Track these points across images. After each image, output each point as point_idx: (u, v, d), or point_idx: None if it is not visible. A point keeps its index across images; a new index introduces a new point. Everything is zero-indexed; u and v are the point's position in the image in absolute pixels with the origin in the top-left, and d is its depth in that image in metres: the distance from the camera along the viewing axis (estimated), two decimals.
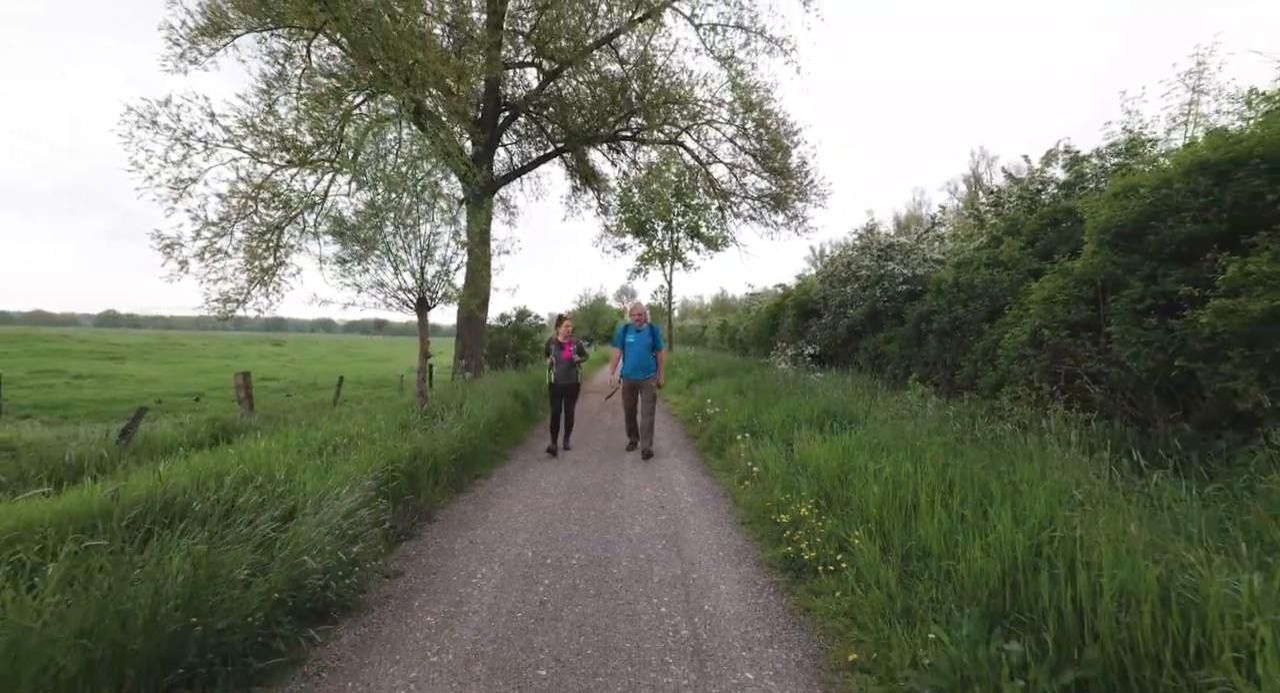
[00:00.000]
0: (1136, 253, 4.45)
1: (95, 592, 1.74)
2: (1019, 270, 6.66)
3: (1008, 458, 3.14)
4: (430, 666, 2.10)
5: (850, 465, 3.64)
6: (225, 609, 1.98)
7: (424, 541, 3.43)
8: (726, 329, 24.43)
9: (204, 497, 2.53)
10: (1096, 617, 1.66)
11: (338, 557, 2.49)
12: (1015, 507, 2.35)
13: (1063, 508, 2.26)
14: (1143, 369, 4.11)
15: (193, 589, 1.93)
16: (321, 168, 9.11)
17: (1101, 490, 2.48)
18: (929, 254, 9.61)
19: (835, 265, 11.61)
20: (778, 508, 3.59)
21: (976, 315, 6.91)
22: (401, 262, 6.46)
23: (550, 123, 12.53)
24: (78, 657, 1.60)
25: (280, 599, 2.17)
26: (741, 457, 4.97)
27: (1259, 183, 3.68)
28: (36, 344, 28.06)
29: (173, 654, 1.82)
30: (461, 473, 4.68)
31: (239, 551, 2.22)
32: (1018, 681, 1.61)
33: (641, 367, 5.99)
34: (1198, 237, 3.98)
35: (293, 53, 9.53)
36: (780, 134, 10.44)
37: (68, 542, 1.92)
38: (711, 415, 7.15)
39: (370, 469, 3.43)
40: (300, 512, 2.69)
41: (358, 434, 4.53)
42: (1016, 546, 2.07)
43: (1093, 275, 4.75)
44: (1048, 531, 2.14)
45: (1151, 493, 2.58)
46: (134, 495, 2.53)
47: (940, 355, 7.65)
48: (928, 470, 3.06)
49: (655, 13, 10.58)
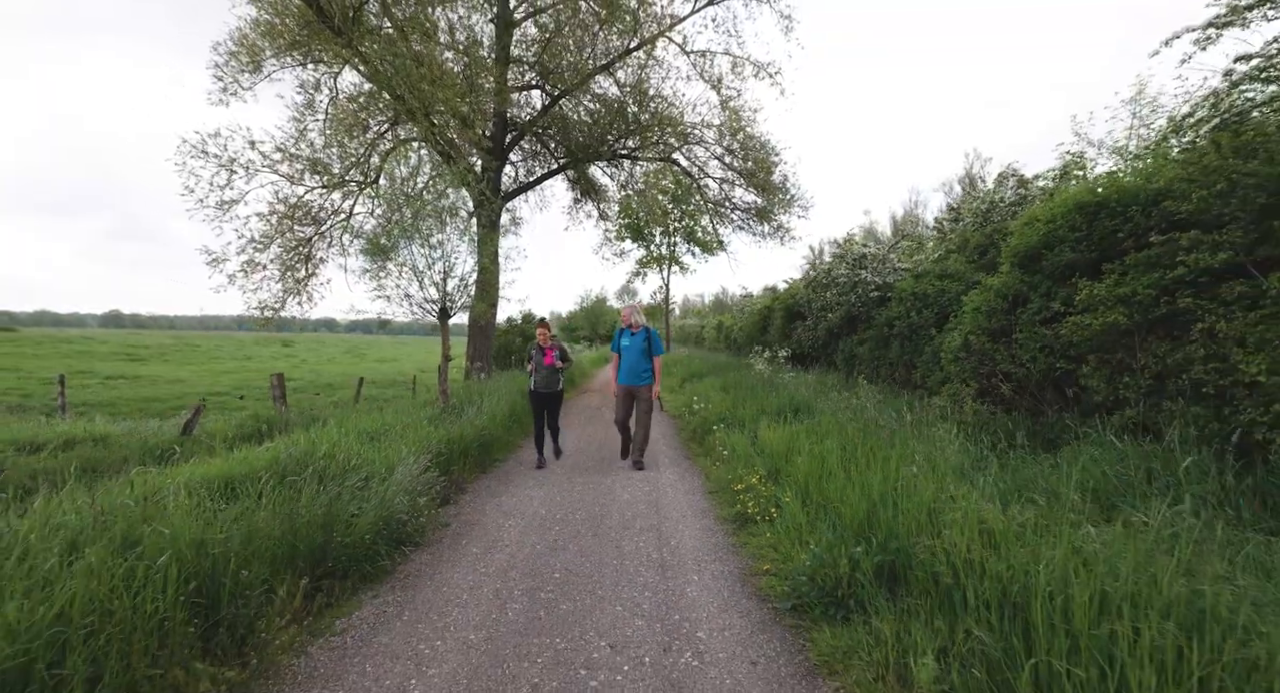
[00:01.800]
0: (1036, 274, 5.43)
1: (284, 512, 2.76)
2: (963, 283, 7.65)
3: (901, 437, 4.14)
4: (480, 573, 3.12)
5: (794, 446, 4.65)
6: (347, 532, 3.00)
7: (460, 505, 4.45)
8: (723, 329, 25.42)
9: (316, 462, 3.55)
10: (900, 526, 2.66)
11: (410, 505, 3.51)
12: (884, 467, 3.35)
13: (906, 466, 3.27)
14: (1038, 369, 5.11)
15: (328, 518, 2.95)
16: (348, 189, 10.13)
17: (945, 457, 3.48)
18: (898, 264, 10.59)
19: (817, 272, 12.59)
20: (737, 479, 4.60)
21: (928, 322, 7.90)
22: (426, 277, 7.48)
23: (553, 141, 13.54)
24: (280, 548, 2.63)
25: (378, 529, 3.19)
26: (716, 443, 5.97)
27: (1114, 223, 4.67)
28: (61, 346, 29.22)
29: (321, 557, 2.84)
30: (484, 456, 5.71)
31: (346, 497, 3.24)
32: (855, 571, 2.61)
33: (636, 372, 5.71)
34: (1074, 263, 4.96)
35: (320, 84, 10.57)
36: (763, 154, 11.43)
37: (259, 483, 2.95)
38: (697, 410, 8.16)
39: (422, 448, 4.45)
40: (376, 476, 3.71)
41: (398, 424, 5.55)
42: (875, 491, 3.07)
43: (1006, 291, 5.73)
44: (896, 481, 3.14)
45: (993, 460, 3.58)
46: (266, 459, 3.56)
47: (901, 356, 8.64)
48: (843, 447, 4.06)
49: (650, 42, 11.57)
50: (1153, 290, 4.05)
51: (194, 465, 3.72)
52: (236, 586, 2.33)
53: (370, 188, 9.78)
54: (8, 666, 1.55)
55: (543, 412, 5.89)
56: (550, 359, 5.86)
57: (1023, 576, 1.92)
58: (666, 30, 11.61)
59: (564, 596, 2.84)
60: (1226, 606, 1.61)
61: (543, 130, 13.10)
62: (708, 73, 11.95)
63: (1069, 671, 1.54)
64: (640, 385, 5.74)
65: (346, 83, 10.70)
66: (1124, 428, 4.12)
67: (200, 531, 2.36)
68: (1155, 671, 1.44)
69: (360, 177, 9.98)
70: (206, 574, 2.26)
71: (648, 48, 11.43)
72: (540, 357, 5.89)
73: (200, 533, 2.34)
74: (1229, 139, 3.77)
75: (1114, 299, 4.26)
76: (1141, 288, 4.10)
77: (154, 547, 2.19)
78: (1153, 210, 4.32)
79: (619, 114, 12.10)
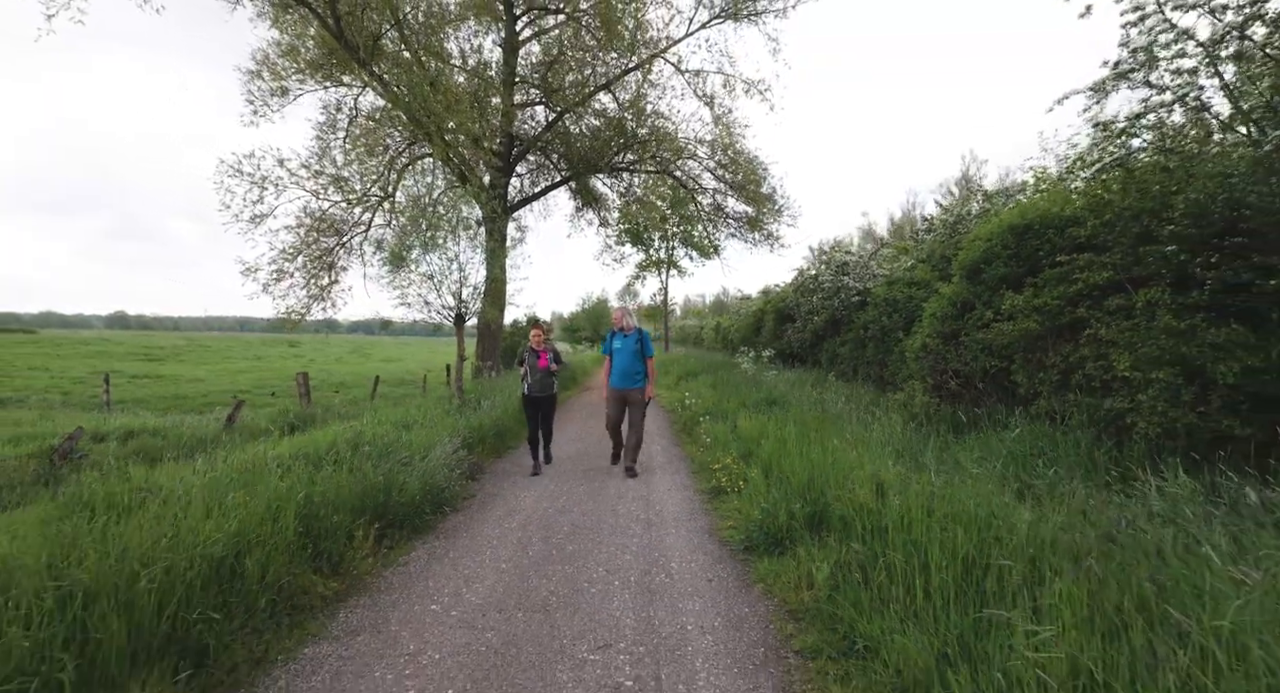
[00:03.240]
0: (980, 284, 6.24)
1: (357, 477, 3.61)
2: (927, 290, 8.47)
3: (843, 423, 4.97)
4: (504, 527, 3.96)
5: (764, 432, 5.47)
6: (400, 495, 3.84)
7: (482, 482, 5.29)
8: (720, 330, 26.26)
9: (364, 444, 4.40)
10: (827, 486, 3.49)
11: (447, 477, 4.36)
12: (824, 445, 4.18)
13: (840, 444, 4.10)
14: (979, 367, 5.92)
15: (388, 483, 3.79)
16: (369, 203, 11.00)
17: (871, 436, 4.31)
18: (877, 270, 11.41)
19: (804, 278, 13.42)
20: (715, 461, 5.42)
21: (897, 325, 8.73)
22: (445, 286, 8.34)
23: (556, 154, 14.38)
24: (356, 503, 3.48)
25: (424, 494, 4.03)
26: (702, 433, 6.80)
27: (1037, 243, 5.48)
28: (79, 347, 30.20)
29: (383, 512, 3.69)
30: (499, 442, 6.56)
31: (397, 470, 4.08)
32: (792, 520, 3.43)
33: (628, 375, 5.58)
34: (1007, 276, 5.77)
35: (341, 105, 11.43)
36: (751, 168, 12.27)
37: (334, 456, 3.80)
38: (689, 405, 8.99)
39: (453, 433, 5.31)
40: (416, 455, 4.55)
41: (423, 417, 6.39)
42: (814, 463, 3.89)
43: (956, 299, 6.54)
44: (829, 455, 3.98)
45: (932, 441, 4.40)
46: (326, 441, 4.40)
47: (875, 356, 9.47)
48: (800, 432, 4.89)
49: (646, 63, 12.40)
50: (1059, 301, 4.87)
51: (270, 444, 4.57)
52: (329, 527, 3.18)
53: (388, 201, 10.65)
54: (222, 554, 2.40)
55: (537, 416, 5.68)
56: (545, 362, 5.65)
57: (888, 510, 2.75)
58: (663, 52, 12.44)
59: (571, 541, 3.69)
60: (1004, 518, 2.46)
61: (547, 145, 13.95)
62: (701, 91, 12.80)
63: (900, 560, 2.37)
64: (633, 389, 5.58)
65: (366, 103, 11.57)
66: (1038, 415, 4.95)
67: (307, 486, 3.21)
68: (943, 553, 2.27)
69: (379, 191, 10.84)
70: (313, 517, 3.10)
71: (645, 68, 12.26)
72: (534, 360, 5.65)
73: (307, 488, 3.19)
74: (1117, 177, 4.60)
75: (1030, 308, 5.09)
76: (1050, 299, 4.93)
77: (277, 495, 3.03)
78: (1063, 234, 5.15)
79: (619, 129, 12.94)
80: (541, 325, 6.05)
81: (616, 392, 5.64)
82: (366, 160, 10.37)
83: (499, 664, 2.27)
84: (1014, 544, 2.26)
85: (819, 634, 2.37)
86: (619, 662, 2.28)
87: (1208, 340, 3.72)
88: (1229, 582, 1.77)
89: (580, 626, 2.57)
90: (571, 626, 2.57)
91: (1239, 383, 3.58)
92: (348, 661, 2.31)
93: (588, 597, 2.87)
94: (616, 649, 2.37)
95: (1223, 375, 3.59)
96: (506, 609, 2.74)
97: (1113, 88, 4.34)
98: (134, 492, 2.95)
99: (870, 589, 2.38)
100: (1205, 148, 4.04)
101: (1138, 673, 1.53)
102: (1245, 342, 3.64)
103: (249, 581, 2.49)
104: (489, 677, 2.18)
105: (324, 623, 2.61)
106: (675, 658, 2.31)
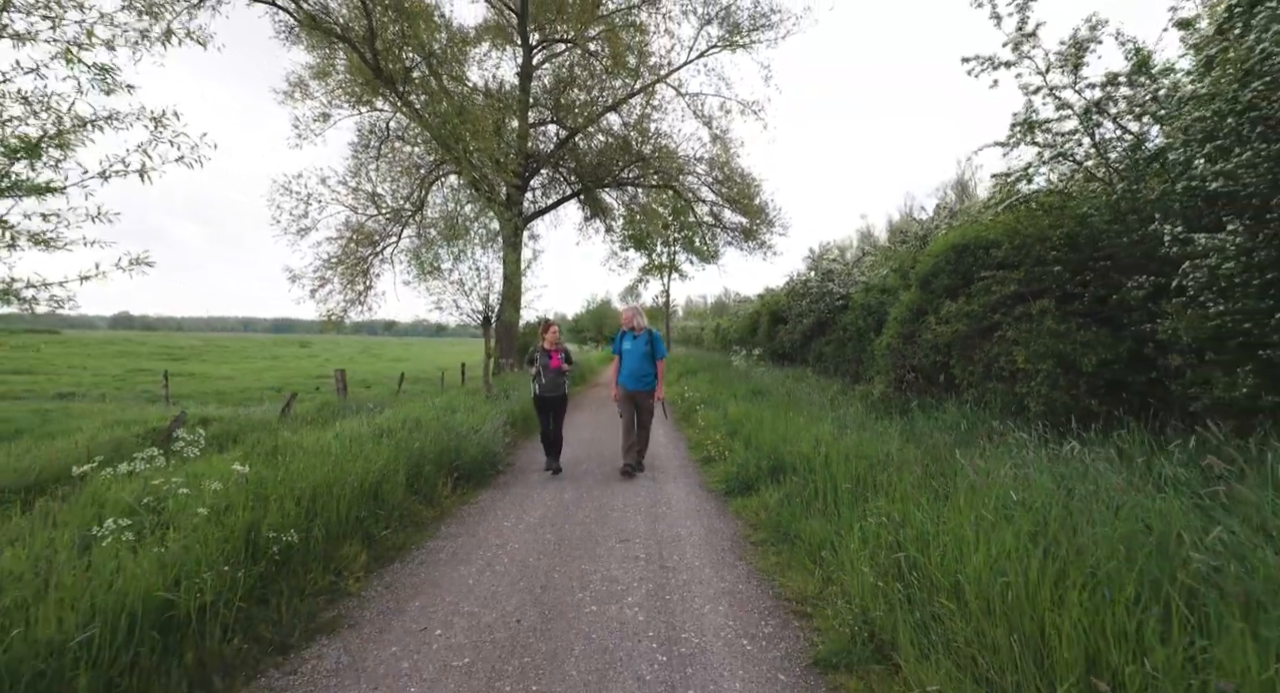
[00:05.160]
0: (930, 292, 7.43)
1: (438, 440, 4.86)
2: (894, 296, 9.67)
3: (813, 407, 6.19)
4: (543, 482, 5.20)
5: (748, 415, 6.70)
6: (466, 457, 5.07)
7: (517, 454, 6.52)
8: (720, 331, 27.46)
9: (424, 423, 5.64)
10: (784, 448, 4.71)
11: (497, 445, 5.60)
12: (788, 421, 5.40)
13: (802, 420, 5.33)
14: (929, 363, 7.12)
15: (458, 448, 5.03)
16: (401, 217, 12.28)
17: (829, 415, 5.53)
18: (859, 277, 12.62)
19: (795, 283, 14.63)
20: (707, 438, 6.64)
21: (870, 327, 9.93)
22: (475, 291, 9.59)
23: (566, 168, 15.64)
24: (438, 459, 4.72)
25: (483, 458, 5.28)
26: (698, 419, 8.03)
27: (970, 260, 6.67)
28: (105, 347, 31.57)
29: (455, 468, 4.92)
30: (528, 425, 7.80)
31: (458, 441, 5.31)
32: (759, 472, 4.64)
33: (638, 376, 5.55)
34: (949, 286, 6.96)
35: (374, 128, 12.70)
36: (744, 184, 13.52)
37: (408, 427, 5.04)
38: (688, 397, 10.22)
39: (495, 415, 6.56)
40: (473, 430, 5.76)
41: (462, 405, 7.62)
42: (798, 439, 5.11)
43: (913, 304, 7.73)
44: (788, 427, 5.19)
45: (890, 422, 5.62)
46: (398, 419, 5.64)
47: (853, 354, 10.68)
48: (773, 413, 6.11)
49: (649, 87, 13.65)
50: (982, 308, 6.07)
51: (362, 421, 5.81)
52: (424, 474, 4.41)
53: (418, 215, 11.93)
54: (371, 480, 3.64)
55: (549, 416, 5.68)
56: (557, 362, 5.65)
57: (818, 456, 3.99)
58: (664, 77, 13.70)
59: (597, 487, 4.93)
60: (885, 453, 3.68)
61: (559, 161, 15.21)
62: (700, 111, 14.06)
63: (820, 483, 3.60)
64: (642, 391, 5.57)
65: (397, 124, 12.82)
66: (968, 402, 6.15)
67: (409, 445, 4.45)
68: (846, 477, 3.50)
69: (411, 206, 12.11)
70: (414, 466, 4.33)
71: (648, 92, 13.51)
72: (546, 360, 5.64)
73: (408, 445, 4.43)
74: (1021, 212, 5.81)
75: (962, 314, 6.30)
76: (976, 307, 6.13)
77: (394, 450, 4.27)
78: (988, 254, 6.35)
79: (624, 147, 14.19)
80: (555, 325, 6.00)
81: (625, 392, 5.62)
82: (399, 178, 11.64)
83: (560, 548, 3.51)
84: (888, 466, 3.47)
85: (767, 533, 3.60)
86: (636, 547, 3.52)
87: (1078, 339, 4.94)
88: (969, 471, 2.98)
89: (609, 531, 3.81)
90: (603, 531, 3.81)
91: (1097, 371, 4.80)
92: (458, 548, 3.55)
93: (612, 518, 4.11)
94: (634, 542, 3.61)
95: (1085, 365, 4.81)
96: (557, 524, 3.98)
97: (1017, 142, 5.55)
98: (294, 447, 4.19)
99: (801, 504, 3.61)
100: (1080, 190, 5.24)
101: (927, 502, 2.75)
102: (1103, 340, 4.86)
103: (386, 502, 3.72)
104: (555, 552, 3.43)
105: (432, 532, 3.85)
106: (673, 546, 3.54)
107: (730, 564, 3.26)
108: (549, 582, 3.02)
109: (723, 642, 2.41)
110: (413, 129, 12.24)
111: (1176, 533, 1.87)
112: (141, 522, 2.50)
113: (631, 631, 2.51)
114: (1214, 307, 3.71)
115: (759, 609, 2.70)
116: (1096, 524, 2.04)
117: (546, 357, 5.67)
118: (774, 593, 2.88)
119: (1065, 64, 4.96)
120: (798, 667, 2.22)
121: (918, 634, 2.00)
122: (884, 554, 2.50)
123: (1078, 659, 1.53)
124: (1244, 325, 3.51)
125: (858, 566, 2.54)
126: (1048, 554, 1.87)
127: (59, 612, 1.80)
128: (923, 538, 2.41)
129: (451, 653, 2.35)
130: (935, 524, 2.47)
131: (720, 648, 2.36)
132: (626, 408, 5.62)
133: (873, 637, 2.22)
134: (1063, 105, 5.14)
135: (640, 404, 5.57)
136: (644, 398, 5.58)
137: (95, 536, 2.20)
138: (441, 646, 2.41)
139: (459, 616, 2.67)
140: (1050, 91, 5.08)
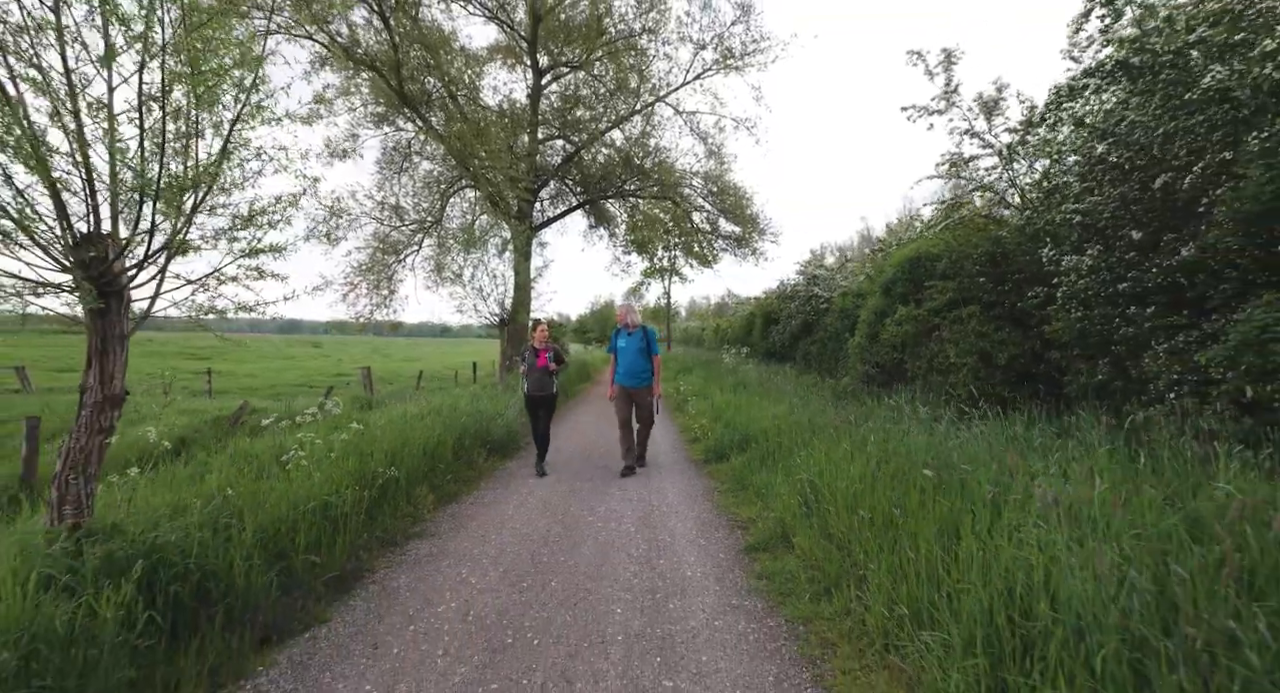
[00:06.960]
0: (891, 298, 8.54)
1: (476, 419, 6.03)
2: (866, 300, 10.78)
3: (783, 395, 7.35)
4: (557, 455, 6.35)
5: (729, 404, 7.84)
6: (494, 434, 6.24)
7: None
8: (719, 331, 28.62)
9: (457, 410, 6.82)
10: (752, 425, 5.86)
11: (521, 424, 6.78)
12: (756, 404, 6.55)
13: (775, 407, 6.48)
14: (889, 360, 8.24)
15: (489, 426, 6.21)
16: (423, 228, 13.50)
17: (794, 401, 6.68)
18: (841, 282, 13.75)
19: (785, 287, 15.78)
20: (694, 423, 7.80)
21: (846, 328, 11.06)
22: (492, 296, 10.77)
23: (572, 180, 16.81)
24: (474, 433, 5.91)
25: (507, 435, 6.44)
26: (690, 408, 9.18)
27: (921, 271, 7.79)
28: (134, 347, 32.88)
29: (486, 442, 6.08)
30: None
31: (486, 422, 6.48)
32: (730, 443, 5.78)
33: (634, 373, 5.62)
34: (905, 293, 8.08)
35: (398, 146, 13.92)
36: (736, 197, 14.68)
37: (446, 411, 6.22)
38: (682, 391, 11.38)
39: (513, 404, 7.74)
40: (498, 413, 6.93)
41: (484, 395, 8.79)
42: (762, 418, 6.25)
43: (878, 308, 8.84)
44: (754, 409, 6.34)
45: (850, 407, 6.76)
46: (433, 406, 6.82)
47: (831, 352, 11.81)
48: (749, 400, 7.26)
49: (649, 106, 14.81)
50: (926, 312, 7.20)
51: (391, 411, 6.99)
52: (465, 446, 5.58)
53: (437, 226, 13.15)
54: (431, 445, 4.82)
55: (537, 415, 5.68)
56: (544, 361, 5.62)
57: (773, 428, 5.13)
58: (663, 97, 14.85)
59: (601, 459, 6.10)
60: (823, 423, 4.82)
61: (565, 173, 16.39)
62: (697, 129, 15.21)
63: (770, 446, 4.74)
64: (639, 388, 5.62)
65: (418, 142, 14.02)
66: (917, 391, 7.27)
67: (452, 422, 5.63)
68: (792, 440, 4.65)
69: (431, 218, 13.31)
70: (456, 440, 5.50)
71: (647, 111, 14.67)
72: (533, 359, 5.64)
73: (452, 423, 5.61)
74: (957, 233, 6.94)
75: (911, 317, 7.43)
76: (923, 312, 7.26)
77: (445, 426, 5.44)
78: (934, 266, 7.47)
79: (626, 161, 15.34)
80: (544, 323, 5.99)
81: (622, 389, 5.70)
82: (420, 192, 12.84)
83: (574, 498, 4.71)
84: (816, 432, 4.63)
85: (729, 484, 4.77)
86: (631, 494, 4.70)
87: (995, 338, 6.07)
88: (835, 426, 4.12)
89: (612, 487, 4.98)
90: (607, 487, 4.98)
91: (1009, 365, 5.93)
92: (497, 495, 4.74)
93: (613, 474, 5.28)
94: (629, 491, 4.80)
95: (1000, 359, 5.94)
96: (571, 482, 5.15)
97: (950, 176, 6.68)
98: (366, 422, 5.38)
99: (756, 462, 4.76)
100: (1003, 216, 6.37)
101: (841, 454, 3.89)
102: (1014, 339, 5.99)
103: (441, 461, 4.90)
104: (570, 497, 4.61)
105: (476, 485, 5.05)
106: (659, 495, 4.73)
107: (699, 501, 4.43)
108: (567, 512, 4.20)
109: (687, 540, 3.58)
110: (431, 147, 13.45)
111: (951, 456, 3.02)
112: (299, 456, 3.70)
113: (625, 534, 3.68)
114: (1076, 313, 4.84)
115: (714, 525, 3.87)
116: (910, 453, 3.20)
117: (534, 355, 5.67)
118: (728, 519, 4.04)
119: (984, 113, 6.09)
120: (734, 552, 3.39)
121: (804, 524, 3.15)
122: (799, 485, 3.65)
123: (878, 519, 2.68)
124: (1098, 327, 4.64)
125: (781, 494, 3.69)
126: (879, 467, 3.02)
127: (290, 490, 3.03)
128: (822, 473, 3.55)
129: (506, 545, 3.53)
130: (828, 462, 3.62)
131: (685, 544, 3.53)
132: (623, 407, 5.68)
133: (784, 534, 3.36)
134: (986, 145, 6.27)
135: (638, 401, 5.66)
136: (642, 395, 5.64)
137: (283, 462, 3.41)
138: (497, 542, 3.59)
139: (506, 529, 3.85)
140: (975, 135, 6.21)
